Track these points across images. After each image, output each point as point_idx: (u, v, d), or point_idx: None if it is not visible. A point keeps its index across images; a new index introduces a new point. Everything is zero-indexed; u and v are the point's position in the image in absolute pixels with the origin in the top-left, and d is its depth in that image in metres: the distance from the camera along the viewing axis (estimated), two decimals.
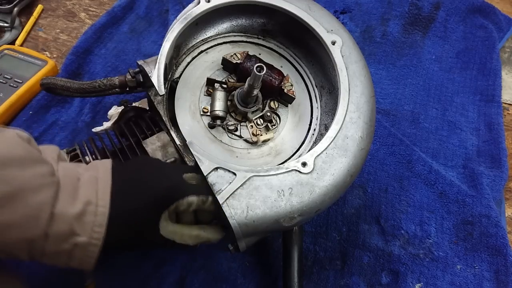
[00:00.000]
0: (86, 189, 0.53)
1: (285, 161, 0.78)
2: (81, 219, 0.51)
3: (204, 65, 0.83)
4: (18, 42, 1.15)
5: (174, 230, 0.60)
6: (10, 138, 0.51)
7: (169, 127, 0.74)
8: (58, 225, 0.49)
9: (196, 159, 0.66)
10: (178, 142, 0.74)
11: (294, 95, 0.80)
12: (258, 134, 0.79)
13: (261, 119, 0.80)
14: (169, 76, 0.80)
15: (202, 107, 0.79)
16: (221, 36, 0.88)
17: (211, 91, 0.80)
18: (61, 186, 0.51)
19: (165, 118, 0.74)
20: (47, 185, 0.49)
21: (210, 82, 0.80)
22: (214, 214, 0.65)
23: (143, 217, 0.57)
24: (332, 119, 0.73)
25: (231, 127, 0.78)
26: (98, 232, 0.52)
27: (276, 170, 0.67)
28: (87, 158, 0.77)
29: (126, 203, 0.56)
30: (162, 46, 0.74)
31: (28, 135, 0.54)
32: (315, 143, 0.79)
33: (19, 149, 0.50)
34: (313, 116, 0.83)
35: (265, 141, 0.79)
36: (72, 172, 0.54)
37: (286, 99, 0.81)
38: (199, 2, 0.78)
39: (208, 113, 0.78)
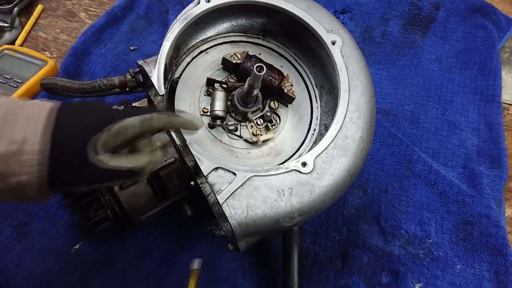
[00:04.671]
0: (15, 127, 0.48)
1: (285, 161, 0.78)
2: (7, 160, 0.47)
3: (204, 65, 0.83)
4: (18, 42, 1.15)
5: (113, 158, 0.53)
6: None
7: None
8: None
9: (196, 159, 0.66)
10: (178, 142, 0.73)
11: (294, 95, 0.80)
12: (258, 134, 0.79)
13: (261, 119, 0.80)
14: (169, 76, 0.80)
15: (202, 107, 0.79)
16: (221, 36, 0.88)
17: (211, 91, 0.80)
18: None
19: None
20: None
21: (210, 82, 0.80)
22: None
23: (82, 141, 0.51)
24: (332, 119, 0.73)
25: (231, 127, 0.78)
26: (29, 172, 0.48)
27: (276, 170, 0.67)
28: None
29: (64, 134, 0.50)
30: (162, 46, 0.74)
31: None
32: (315, 143, 0.79)
33: None
34: (313, 116, 0.83)
35: (265, 141, 0.79)
36: (1, 109, 0.49)
37: (286, 99, 0.81)
38: (199, 2, 0.78)
39: (208, 113, 0.78)
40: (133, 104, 0.89)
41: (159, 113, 0.57)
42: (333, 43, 0.78)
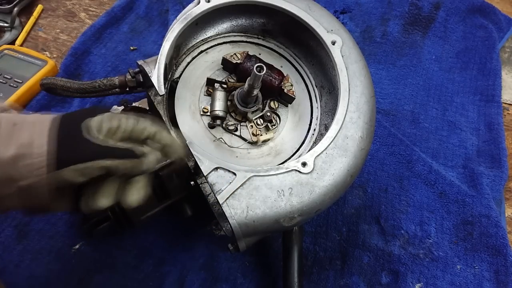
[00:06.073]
0: (22, 133, 0.50)
1: (285, 161, 0.78)
2: (17, 164, 0.49)
3: (204, 65, 0.83)
4: (18, 42, 1.15)
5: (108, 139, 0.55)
6: None
7: (169, 127, 0.74)
8: None
9: (196, 159, 0.66)
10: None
11: (294, 95, 0.80)
12: (258, 134, 0.79)
13: (261, 119, 0.80)
14: (169, 76, 0.80)
15: (202, 107, 0.79)
16: (221, 36, 0.88)
17: (211, 91, 0.80)
18: None
19: (165, 118, 0.74)
20: None
21: (210, 82, 0.80)
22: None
23: (77, 124, 0.54)
24: (332, 119, 0.73)
25: (231, 127, 0.78)
26: (39, 175, 0.49)
27: (276, 170, 0.67)
28: None
29: (65, 128, 0.53)
30: (162, 46, 0.74)
31: None
32: (315, 143, 0.79)
33: None
34: (313, 116, 0.83)
35: (265, 141, 0.79)
36: (7, 119, 0.52)
37: (286, 99, 0.81)
38: (199, 2, 0.78)
39: (208, 113, 0.78)
40: (133, 104, 0.89)
41: (146, 118, 0.58)
42: (333, 43, 0.78)
